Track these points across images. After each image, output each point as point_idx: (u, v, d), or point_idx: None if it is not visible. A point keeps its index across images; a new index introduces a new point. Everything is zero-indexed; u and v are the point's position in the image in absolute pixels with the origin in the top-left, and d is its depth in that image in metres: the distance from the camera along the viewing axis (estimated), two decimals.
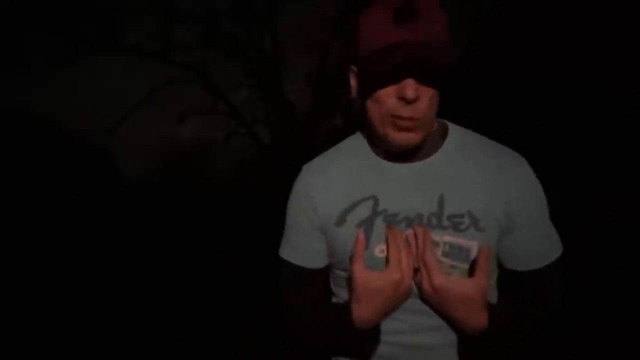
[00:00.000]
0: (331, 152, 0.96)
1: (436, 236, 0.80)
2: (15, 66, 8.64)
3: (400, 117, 0.79)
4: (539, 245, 0.87)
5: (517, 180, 0.84)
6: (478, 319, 0.79)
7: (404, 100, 0.78)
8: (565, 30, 6.34)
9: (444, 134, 0.90)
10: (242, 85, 9.87)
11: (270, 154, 10.00)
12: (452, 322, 0.81)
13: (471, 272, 0.80)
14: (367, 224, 0.83)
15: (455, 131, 0.91)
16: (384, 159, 0.87)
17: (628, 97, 5.69)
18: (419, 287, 0.81)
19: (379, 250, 0.82)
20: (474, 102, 7.02)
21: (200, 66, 9.74)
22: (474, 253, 0.80)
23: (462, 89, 7.40)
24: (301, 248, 0.94)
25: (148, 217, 9.89)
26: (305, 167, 0.97)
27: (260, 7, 9.57)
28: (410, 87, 0.77)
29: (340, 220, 0.86)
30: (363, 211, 0.84)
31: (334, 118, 9.81)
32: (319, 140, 10.05)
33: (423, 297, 0.81)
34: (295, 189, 0.94)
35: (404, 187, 0.84)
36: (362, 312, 0.80)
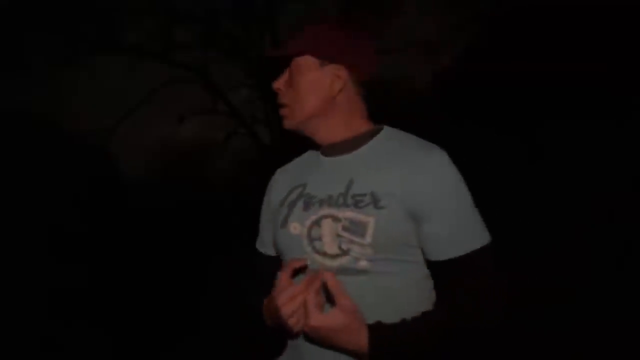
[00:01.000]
0: (300, 156, 1.12)
1: (339, 213, 0.89)
2: (15, 66, 8.64)
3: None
4: (454, 233, 0.87)
5: (427, 172, 0.88)
6: (357, 341, 0.83)
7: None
8: (565, 30, 6.34)
9: (373, 135, 0.98)
10: (242, 85, 9.87)
11: (270, 154, 10.00)
12: (342, 351, 0.86)
13: (331, 300, 0.84)
14: (290, 205, 0.97)
15: (387, 132, 0.98)
16: (322, 154, 1.01)
17: (628, 97, 5.70)
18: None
19: (293, 227, 0.94)
20: (474, 102, 7.02)
21: (200, 66, 9.75)
22: (370, 229, 0.86)
23: (462, 89, 7.40)
24: (261, 235, 1.11)
25: (148, 217, 9.89)
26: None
27: (260, 7, 9.57)
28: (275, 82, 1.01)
29: (281, 204, 1.01)
30: (293, 196, 0.99)
31: None
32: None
33: (308, 336, 0.87)
34: None
35: (326, 175, 0.96)
36: (266, 320, 0.97)
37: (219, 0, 9.41)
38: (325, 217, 0.90)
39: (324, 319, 0.82)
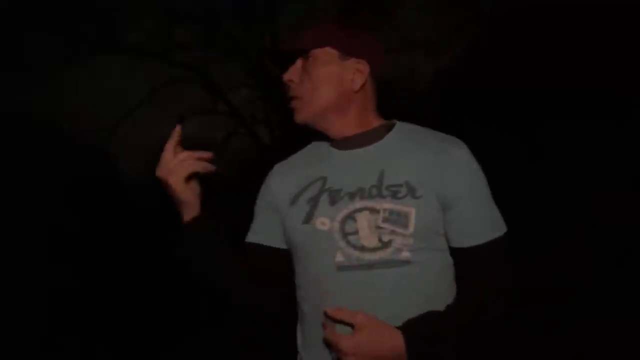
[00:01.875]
0: (301, 151, 1.10)
1: (376, 204, 0.88)
2: (15, 66, 8.63)
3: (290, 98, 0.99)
4: (475, 222, 0.90)
5: (453, 160, 0.90)
6: (392, 342, 0.82)
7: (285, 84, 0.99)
8: (565, 30, 6.34)
9: (389, 128, 0.98)
10: (242, 85, 9.86)
11: (270, 154, 10.00)
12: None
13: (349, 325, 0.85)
14: (313, 201, 0.94)
15: (402, 126, 0.99)
16: (334, 147, 0.99)
17: (628, 97, 5.70)
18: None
19: (320, 223, 0.91)
20: (474, 102, 7.02)
21: (200, 66, 9.73)
22: (412, 219, 0.86)
23: (462, 89, 7.40)
24: (256, 228, 1.08)
25: (148, 217, 9.89)
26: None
27: (260, 7, 9.56)
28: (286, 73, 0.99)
29: (294, 200, 0.97)
30: (313, 190, 0.95)
31: None
32: (318, 140, 10.04)
33: None
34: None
35: (349, 168, 0.94)
36: None
37: (219, 0, 9.41)
38: (361, 209, 0.89)
39: (353, 339, 0.82)
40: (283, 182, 1.03)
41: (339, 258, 0.88)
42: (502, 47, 6.90)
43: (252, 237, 1.07)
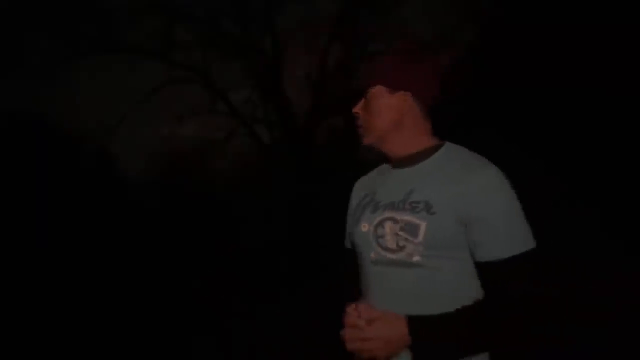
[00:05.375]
0: (376, 168, 1.33)
1: (398, 215, 1.09)
2: (15, 66, 8.64)
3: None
4: (499, 238, 1.02)
5: (478, 182, 1.04)
6: (399, 330, 1.01)
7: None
8: (565, 29, 6.34)
9: (437, 149, 1.17)
10: (242, 85, 9.86)
11: (270, 154, 9.99)
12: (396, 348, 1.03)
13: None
14: (362, 209, 1.21)
15: (447, 147, 1.17)
16: (392, 167, 1.21)
17: (628, 97, 5.70)
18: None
19: (362, 226, 1.17)
20: (474, 102, 7.02)
21: (200, 66, 9.74)
22: (422, 230, 1.05)
23: (462, 89, 7.40)
24: (347, 234, 1.32)
25: (148, 216, 9.90)
26: None
27: (260, 7, 9.56)
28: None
29: (355, 209, 1.25)
30: (366, 201, 1.22)
31: (334, 118, 9.81)
32: (319, 140, 10.05)
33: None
34: None
35: (392, 185, 1.17)
36: None
37: (219, 0, 9.41)
38: (388, 219, 1.11)
39: (371, 327, 1.04)
40: (355, 194, 1.31)
41: (372, 255, 1.13)
42: (502, 47, 6.90)
43: (347, 243, 1.33)
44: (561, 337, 3.24)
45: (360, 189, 1.30)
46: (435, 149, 1.16)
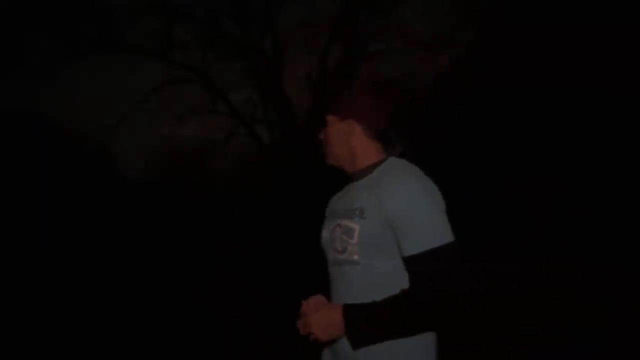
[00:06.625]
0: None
1: (341, 222, 1.27)
2: (15, 66, 8.64)
3: None
4: (412, 235, 1.16)
5: (393, 187, 1.21)
6: (333, 316, 1.18)
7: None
8: (565, 30, 6.34)
9: (378, 165, 1.31)
10: (242, 85, 9.87)
11: (270, 154, 10.00)
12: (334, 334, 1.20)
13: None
14: (325, 219, 1.41)
15: (388, 162, 1.31)
16: (351, 180, 1.38)
17: (628, 97, 5.70)
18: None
19: (324, 232, 1.36)
20: (474, 102, 7.02)
21: (200, 66, 9.75)
22: (356, 232, 1.22)
23: (462, 89, 7.41)
24: None
25: (148, 216, 9.90)
26: None
27: (260, 8, 9.57)
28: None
29: (324, 219, 1.44)
30: (328, 211, 1.42)
31: None
32: (318, 140, 10.04)
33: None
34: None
35: (345, 196, 1.35)
36: None
37: (219, 0, 9.41)
38: (337, 225, 1.29)
39: (312, 315, 1.21)
40: (328, 207, 1.48)
41: (330, 256, 1.32)
42: (502, 47, 6.90)
43: None
44: (561, 337, 3.24)
45: (331, 202, 1.48)
46: (378, 164, 1.32)
